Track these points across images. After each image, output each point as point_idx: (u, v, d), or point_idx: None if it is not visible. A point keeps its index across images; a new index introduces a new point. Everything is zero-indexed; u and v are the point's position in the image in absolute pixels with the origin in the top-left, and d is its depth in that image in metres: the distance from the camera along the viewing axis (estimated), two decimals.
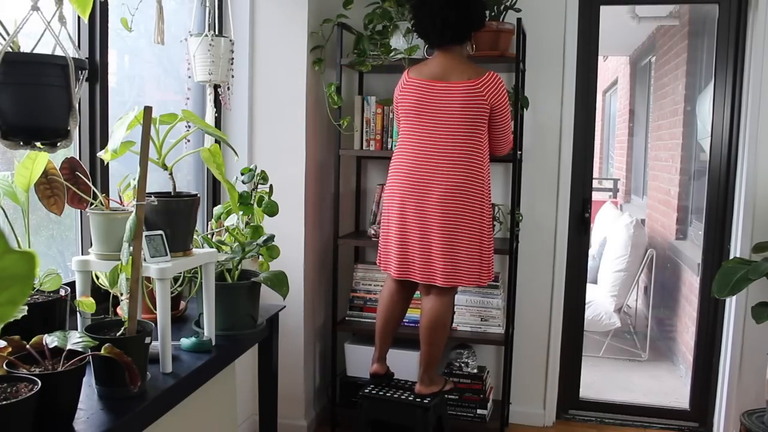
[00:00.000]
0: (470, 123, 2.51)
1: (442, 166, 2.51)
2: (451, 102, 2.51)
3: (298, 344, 3.14)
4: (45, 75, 1.40)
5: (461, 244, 2.53)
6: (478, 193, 2.54)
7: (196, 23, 2.55)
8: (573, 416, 3.50)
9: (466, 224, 2.53)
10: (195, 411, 1.99)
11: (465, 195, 2.51)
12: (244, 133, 3.05)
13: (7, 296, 0.67)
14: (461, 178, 2.50)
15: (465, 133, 2.51)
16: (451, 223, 2.51)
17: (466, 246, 2.54)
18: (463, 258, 2.54)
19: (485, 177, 2.58)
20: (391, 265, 2.68)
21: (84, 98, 2.11)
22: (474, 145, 2.53)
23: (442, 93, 2.52)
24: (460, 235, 2.53)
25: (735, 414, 3.10)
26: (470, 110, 2.50)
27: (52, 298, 1.55)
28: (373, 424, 2.81)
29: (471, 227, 2.54)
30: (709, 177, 3.27)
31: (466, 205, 2.52)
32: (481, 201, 2.55)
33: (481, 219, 2.56)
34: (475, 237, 2.55)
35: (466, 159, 2.51)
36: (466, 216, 2.52)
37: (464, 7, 2.51)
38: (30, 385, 1.21)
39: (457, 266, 2.55)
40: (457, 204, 2.51)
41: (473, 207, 2.53)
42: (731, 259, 2.94)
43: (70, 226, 2.17)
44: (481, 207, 2.55)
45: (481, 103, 2.50)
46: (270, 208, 2.17)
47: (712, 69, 3.27)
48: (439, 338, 2.66)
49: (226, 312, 1.93)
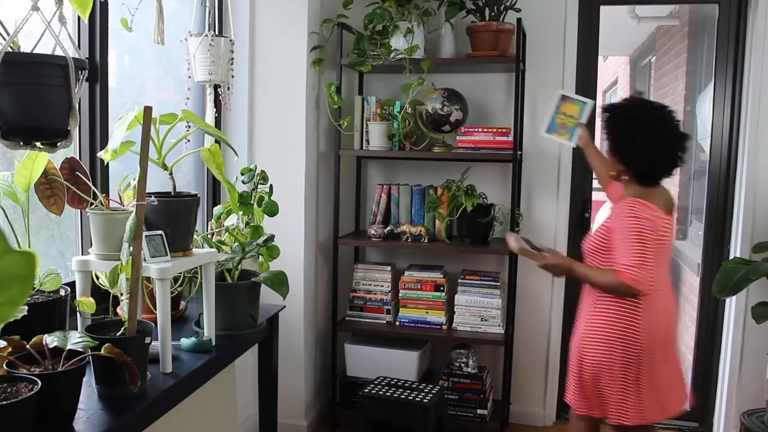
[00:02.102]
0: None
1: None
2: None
3: (298, 344, 3.14)
4: (45, 75, 1.40)
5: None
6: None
7: (196, 23, 2.55)
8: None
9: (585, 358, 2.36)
10: (195, 411, 1.99)
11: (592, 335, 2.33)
12: (244, 133, 3.05)
13: (7, 296, 0.67)
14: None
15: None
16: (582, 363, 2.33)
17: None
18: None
19: None
20: (676, 402, 2.31)
21: (84, 98, 2.11)
22: None
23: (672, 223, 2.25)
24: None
25: (735, 414, 3.10)
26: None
27: (52, 298, 1.55)
28: (373, 424, 2.81)
29: None
30: (709, 177, 3.27)
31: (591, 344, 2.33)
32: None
33: None
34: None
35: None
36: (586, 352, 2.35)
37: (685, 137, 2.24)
38: (30, 385, 1.21)
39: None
40: (586, 344, 2.31)
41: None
42: (731, 259, 2.94)
43: (70, 226, 2.17)
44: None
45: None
46: (270, 208, 2.17)
47: (712, 69, 3.27)
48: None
49: (226, 312, 1.93)
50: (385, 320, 3.25)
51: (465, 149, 3.06)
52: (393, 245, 3.22)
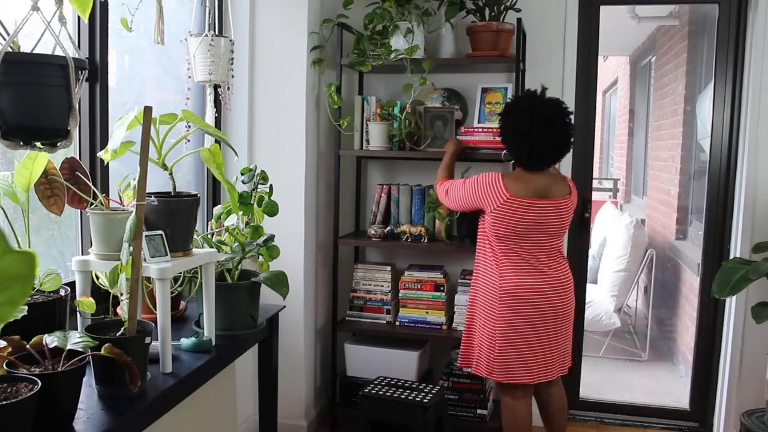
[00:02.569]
0: (566, 228, 2.65)
1: (556, 270, 2.59)
2: (554, 216, 2.56)
3: (298, 344, 3.14)
4: (45, 75, 1.40)
5: (570, 330, 2.70)
6: (572, 276, 2.69)
7: (196, 23, 2.55)
8: (573, 416, 3.50)
9: (573, 312, 2.68)
10: (195, 411, 1.99)
11: (571, 285, 2.66)
12: (244, 133, 3.05)
13: (7, 296, 0.67)
14: (567, 272, 2.64)
15: (561, 236, 2.66)
16: (570, 316, 2.66)
17: (571, 326, 2.71)
18: (570, 341, 2.72)
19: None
20: (528, 373, 2.59)
21: (84, 98, 2.11)
22: (564, 237, 2.70)
23: (547, 209, 2.55)
24: (571, 323, 2.69)
25: (735, 414, 3.10)
26: (568, 220, 2.63)
27: (52, 298, 1.55)
28: (373, 424, 2.81)
29: (573, 309, 2.69)
30: (709, 177, 3.27)
31: (572, 295, 2.67)
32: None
33: (574, 299, 2.71)
34: (573, 317, 2.70)
35: (563, 254, 2.69)
36: (573, 305, 2.68)
37: (567, 137, 2.55)
38: (30, 385, 1.21)
39: (569, 348, 2.72)
40: (571, 297, 2.65)
41: (573, 290, 2.68)
42: (731, 259, 2.94)
43: (70, 226, 2.17)
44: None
45: (572, 212, 2.66)
46: (270, 208, 2.17)
47: (712, 69, 3.27)
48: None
49: (226, 312, 1.93)
50: (385, 320, 3.25)
51: (465, 149, 3.06)
52: (393, 245, 3.22)
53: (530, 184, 2.55)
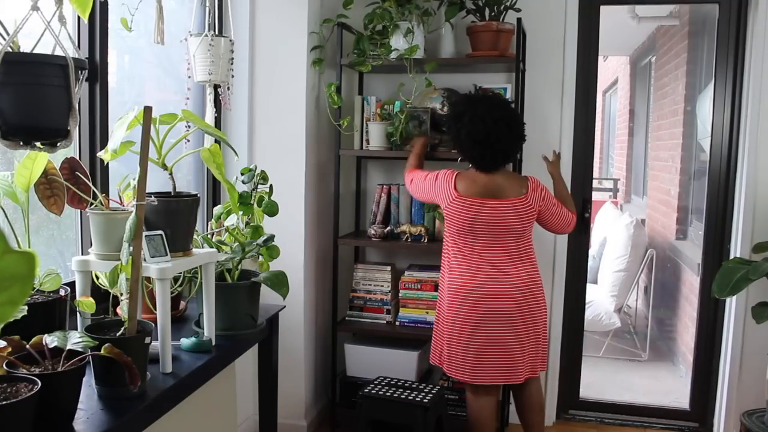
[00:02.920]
0: (523, 229, 2.61)
1: (510, 273, 2.58)
2: (505, 217, 2.56)
3: (298, 344, 3.14)
4: (45, 75, 1.40)
5: (538, 335, 2.67)
6: (540, 282, 2.66)
7: (196, 23, 2.55)
8: (573, 416, 3.50)
9: (539, 316, 2.64)
10: (195, 411, 1.99)
11: (536, 288, 2.63)
12: (244, 133, 3.05)
13: (7, 296, 0.67)
14: (529, 276, 2.61)
15: (519, 237, 2.62)
16: (532, 320, 2.62)
17: (542, 334, 2.69)
18: (540, 345, 2.69)
19: (536, 262, 2.69)
20: (481, 373, 2.60)
21: (84, 98, 2.11)
22: (527, 243, 2.65)
23: (496, 210, 2.56)
24: (538, 328, 2.65)
25: (735, 414, 3.10)
26: (523, 221, 2.59)
27: (52, 298, 1.55)
28: (373, 424, 2.81)
29: (542, 317, 2.66)
30: (709, 177, 3.27)
31: (538, 298, 2.63)
32: (542, 289, 2.67)
33: (545, 307, 2.69)
34: (543, 324, 2.68)
35: (526, 256, 2.63)
36: (539, 309, 2.64)
37: (516, 135, 2.57)
38: (30, 385, 1.21)
39: (538, 353, 2.69)
40: (533, 298, 2.61)
41: (541, 297, 2.67)
42: (731, 259, 2.94)
43: (70, 226, 2.17)
44: (543, 295, 2.68)
45: (531, 213, 2.61)
46: (270, 208, 2.17)
47: (712, 69, 3.27)
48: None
49: (226, 312, 1.93)
50: (385, 320, 3.25)
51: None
52: (393, 245, 3.22)
53: (480, 183, 2.58)
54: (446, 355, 2.66)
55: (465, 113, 2.56)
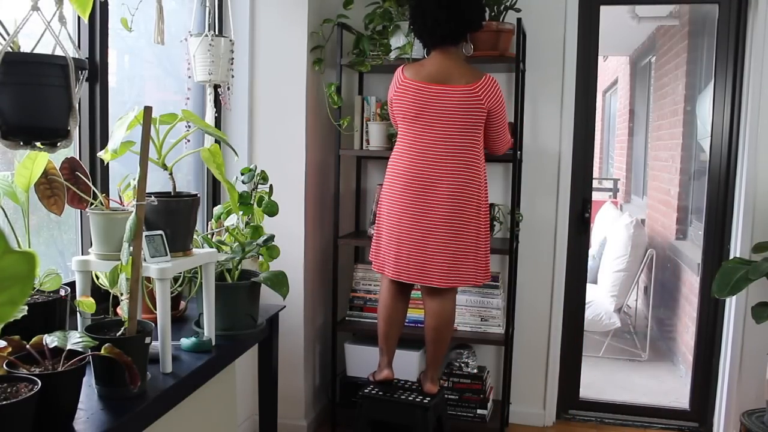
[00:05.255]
0: (469, 125, 2.54)
1: (446, 169, 2.52)
2: (450, 105, 2.52)
3: (298, 344, 3.14)
4: (45, 75, 1.40)
5: (462, 245, 2.56)
6: (477, 193, 2.58)
7: (196, 23, 2.55)
8: (573, 416, 3.50)
9: (467, 225, 2.56)
10: (195, 411, 1.99)
11: (468, 196, 2.54)
12: (244, 133, 3.05)
13: (7, 296, 0.67)
14: (464, 179, 2.53)
15: (465, 134, 2.54)
16: (456, 226, 2.54)
17: (466, 247, 2.57)
18: (463, 259, 2.58)
19: (483, 177, 2.62)
20: (388, 266, 2.65)
21: (84, 98, 2.11)
22: (473, 146, 2.56)
23: (441, 96, 2.52)
24: (461, 237, 2.56)
25: (735, 414, 3.10)
26: (469, 114, 2.52)
27: (52, 298, 1.55)
28: (373, 424, 2.81)
29: (470, 228, 2.57)
30: (709, 177, 3.27)
31: (469, 207, 2.55)
32: (478, 201, 2.59)
33: (478, 219, 2.59)
34: (472, 237, 2.58)
35: (468, 160, 2.54)
36: (467, 217, 2.56)
37: (456, 8, 2.51)
38: (30, 385, 1.21)
39: (459, 267, 2.57)
40: (461, 206, 2.54)
41: (473, 208, 2.57)
42: (731, 259, 2.94)
43: (70, 226, 2.17)
44: (478, 207, 2.59)
45: (479, 107, 2.53)
46: (270, 208, 2.17)
47: (712, 69, 3.27)
48: (447, 337, 2.71)
49: (226, 312, 1.93)
50: None
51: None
52: None
53: (427, 68, 2.57)
54: (373, 243, 2.71)
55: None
